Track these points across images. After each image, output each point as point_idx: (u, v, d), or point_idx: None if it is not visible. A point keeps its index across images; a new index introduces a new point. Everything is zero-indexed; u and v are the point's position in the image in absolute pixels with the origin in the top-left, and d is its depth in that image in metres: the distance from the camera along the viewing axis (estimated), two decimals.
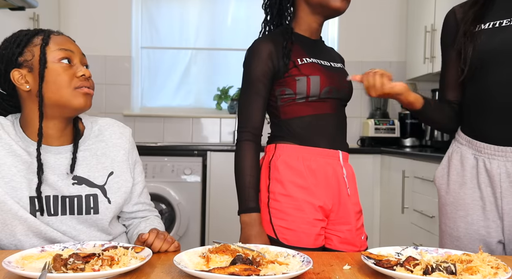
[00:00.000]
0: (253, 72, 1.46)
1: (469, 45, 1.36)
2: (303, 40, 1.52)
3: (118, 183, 1.33)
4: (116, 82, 3.90)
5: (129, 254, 1.04)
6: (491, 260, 0.99)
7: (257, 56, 1.46)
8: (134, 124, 3.90)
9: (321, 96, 1.46)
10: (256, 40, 1.51)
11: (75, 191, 1.27)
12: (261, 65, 1.45)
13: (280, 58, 1.45)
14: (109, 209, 1.30)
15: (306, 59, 1.48)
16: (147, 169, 3.22)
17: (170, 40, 3.98)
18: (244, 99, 1.48)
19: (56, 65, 1.22)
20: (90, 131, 1.35)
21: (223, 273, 0.92)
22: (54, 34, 1.27)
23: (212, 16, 3.97)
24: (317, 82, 1.45)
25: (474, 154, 1.40)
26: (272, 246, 1.15)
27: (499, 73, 1.33)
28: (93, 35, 3.83)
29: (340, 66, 1.58)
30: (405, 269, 0.97)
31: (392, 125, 3.64)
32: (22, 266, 1.00)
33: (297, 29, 1.54)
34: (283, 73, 1.46)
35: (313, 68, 1.47)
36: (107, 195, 1.31)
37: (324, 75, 1.47)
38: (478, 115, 1.38)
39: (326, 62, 1.52)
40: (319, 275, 1.02)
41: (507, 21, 1.33)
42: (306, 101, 1.46)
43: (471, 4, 1.45)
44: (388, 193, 3.31)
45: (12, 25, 2.90)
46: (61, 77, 1.22)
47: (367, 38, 3.92)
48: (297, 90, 1.45)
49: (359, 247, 1.51)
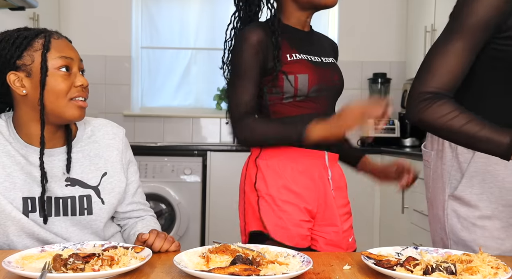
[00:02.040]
0: (246, 59, 1.41)
1: None
2: (293, 33, 1.49)
3: (111, 184, 1.33)
4: (116, 82, 3.90)
5: (129, 254, 1.04)
6: (491, 260, 0.99)
7: (247, 43, 1.41)
8: (134, 124, 3.90)
9: (309, 95, 1.43)
10: (246, 27, 1.47)
11: (68, 192, 1.27)
12: (253, 51, 1.40)
13: (270, 51, 1.41)
14: (103, 210, 1.30)
15: (295, 55, 1.44)
16: (147, 169, 3.22)
17: (170, 40, 3.98)
18: (237, 87, 1.42)
19: (55, 74, 1.21)
20: (83, 132, 1.35)
21: (223, 273, 0.92)
22: (54, 37, 1.24)
23: (212, 16, 3.97)
24: (305, 80, 1.42)
25: None
26: (272, 246, 1.15)
27: None
28: (93, 35, 3.83)
29: (331, 61, 1.55)
30: (405, 269, 0.97)
31: (392, 125, 3.64)
32: (22, 266, 1.00)
33: (286, 21, 1.50)
34: (270, 69, 1.42)
35: (302, 66, 1.43)
36: (101, 195, 1.30)
37: (313, 72, 1.44)
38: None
39: (316, 58, 1.49)
40: (319, 275, 1.02)
41: None
42: (294, 101, 1.44)
43: None
44: (388, 193, 3.31)
45: (12, 25, 2.89)
46: (60, 86, 1.21)
47: (367, 38, 3.92)
48: (284, 89, 1.42)
49: (345, 249, 1.51)
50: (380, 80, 3.78)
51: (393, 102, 1.21)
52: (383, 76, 3.79)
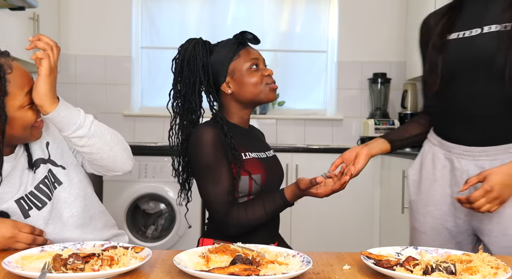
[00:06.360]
0: (207, 158, 1.39)
1: (438, 57, 1.42)
2: (239, 132, 1.51)
3: (58, 148, 1.38)
4: (116, 82, 3.90)
5: (129, 254, 1.04)
6: (491, 260, 0.99)
7: (204, 145, 1.40)
8: (134, 124, 3.90)
9: (261, 192, 1.44)
10: (197, 129, 1.46)
11: (40, 175, 1.32)
12: (213, 150, 1.39)
13: (229, 149, 1.41)
14: (67, 173, 1.37)
15: (248, 154, 1.46)
16: (147, 169, 3.22)
17: (170, 40, 3.97)
18: (209, 183, 1.39)
19: (19, 113, 1.21)
20: None
21: (223, 273, 0.92)
22: (8, 72, 1.19)
23: (212, 16, 3.97)
24: (259, 180, 1.43)
25: (445, 154, 1.47)
26: (272, 246, 1.15)
27: (463, 84, 1.39)
28: (93, 35, 3.82)
29: (272, 154, 1.58)
30: (405, 269, 0.97)
31: (392, 125, 3.64)
32: (22, 266, 1.00)
33: (230, 119, 1.52)
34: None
35: (254, 165, 1.45)
36: (58, 163, 1.37)
37: (265, 171, 1.46)
38: (447, 120, 1.46)
39: (262, 154, 1.52)
40: (319, 275, 1.02)
41: (469, 32, 1.38)
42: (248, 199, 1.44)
43: (443, 14, 1.50)
44: (388, 193, 3.31)
45: (12, 25, 2.90)
46: (27, 118, 1.23)
47: (367, 38, 3.92)
48: (239, 189, 1.42)
49: None
50: (380, 80, 3.78)
51: (392, 103, 1.25)
52: (383, 76, 3.79)
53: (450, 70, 1.40)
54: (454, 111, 1.43)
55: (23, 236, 1.21)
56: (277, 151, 1.72)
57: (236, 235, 1.38)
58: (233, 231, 1.38)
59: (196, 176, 1.46)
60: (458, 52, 1.39)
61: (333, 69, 3.97)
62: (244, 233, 1.39)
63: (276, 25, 4.00)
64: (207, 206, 1.43)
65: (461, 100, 1.40)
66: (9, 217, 1.27)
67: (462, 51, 1.38)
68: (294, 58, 4.01)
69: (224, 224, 1.38)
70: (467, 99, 1.39)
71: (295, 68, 4.01)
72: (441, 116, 1.48)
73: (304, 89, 4.03)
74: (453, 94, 1.42)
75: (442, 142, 1.48)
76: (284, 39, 4.00)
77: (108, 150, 1.32)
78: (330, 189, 1.32)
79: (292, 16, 4.01)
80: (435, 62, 1.42)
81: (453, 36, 1.41)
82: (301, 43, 4.00)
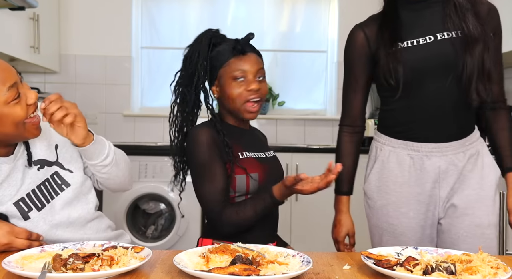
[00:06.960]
0: (202, 157, 1.42)
1: (397, 64, 1.46)
2: (237, 131, 1.52)
3: (67, 153, 1.39)
4: (116, 82, 3.89)
5: (129, 254, 1.04)
6: (491, 260, 1.00)
7: (200, 145, 1.43)
8: (134, 124, 3.90)
9: (259, 191, 1.44)
10: (193, 129, 1.49)
11: (42, 176, 1.32)
12: (208, 150, 1.42)
13: (223, 148, 1.43)
14: (74, 176, 1.38)
15: (245, 154, 1.47)
16: (147, 169, 3.21)
17: (170, 40, 3.97)
18: (205, 182, 1.42)
19: (6, 109, 1.19)
20: None
21: (223, 273, 0.92)
22: None
23: (212, 16, 3.96)
24: (256, 179, 1.44)
25: (410, 154, 1.53)
26: (271, 246, 1.15)
27: (427, 87, 1.47)
28: (93, 35, 3.82)
29: (272, 154, 1.59)
30: (405, 269, 0.97)
31: None
32: (22, 266, 1.00)
33: (227, 120, 1.54)
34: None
35: (251, 164, 1.46)
36: (65, 167, 1.38)
37: (263, 170, 1.47)
38: (413, 121, 1.52)
39: (261, 154, 1.53)
40: (319, 275, 1.02)
41: (423, 39, 1.46)
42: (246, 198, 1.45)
43: (380, 25, 1.59)
44: None
45: (12, 25, 2.90)
46: (17, 114, 1.20)
47: None
48: (236, 188, 1.43)
49: None
50: None
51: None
52: None
53: (413, 75, 1.46)
54: (421, 112, 1.49)
55: (19, 242, 1.20)
56: (277, 151, 1.72)
57: (230, 234, 1.39)
58: (227, 230, 1.40)
59: (192, 176, 1.48)
60: (419, 58, 1.45)
61: (333, 69, 3.97)
62: (238, 232, 1.40)
63: (276, 25, 4.00)
64: (202, 205, 1.45)
65: (426, 101, 1.48)
66: (8, 219, 1.26)
67: (423, 56, 1.45)
68: (294, 58, 4.02)
69: (219, 223, 1.40)
70: (431, 100, 1.47)
71: (295, 68, 4.01)
72: (406, 118, 1.52)
73: (304, 89, 4.03)
74: (418, 96, 1.48)
75: (407, 143, 1.53)
76: (284, 39, 4.00)
77: (121, 176, 1.45)
78: (316, 187, 1.33)
79: (292, 16, 4.01)
80: (394, 68, 1.46)
81: (407, 44, 1.47)
82: (301, 43, 4.00)
